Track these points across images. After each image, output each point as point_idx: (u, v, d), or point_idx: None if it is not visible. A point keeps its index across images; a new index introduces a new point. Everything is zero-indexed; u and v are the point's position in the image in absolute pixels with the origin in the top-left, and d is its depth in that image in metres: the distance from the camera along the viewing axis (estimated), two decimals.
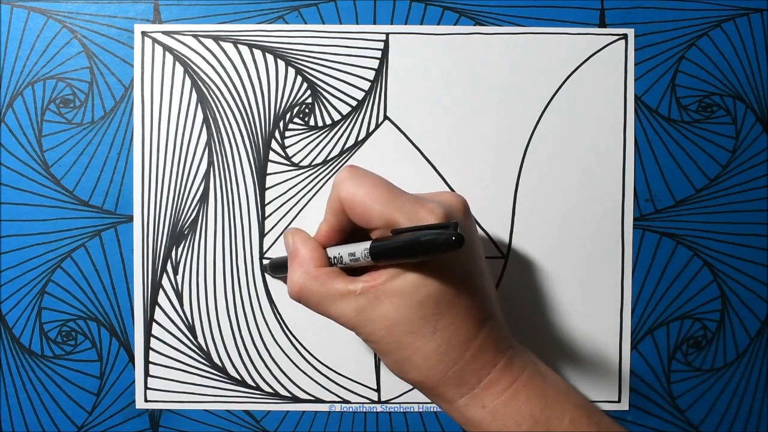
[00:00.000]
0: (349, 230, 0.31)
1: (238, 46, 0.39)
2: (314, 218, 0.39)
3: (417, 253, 0.26)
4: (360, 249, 0.28)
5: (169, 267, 0.39)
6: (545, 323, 0.39)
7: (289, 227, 0.33)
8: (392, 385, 0.39)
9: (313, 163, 0.39)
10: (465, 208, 0.30)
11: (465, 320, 0.28)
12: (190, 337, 0.39)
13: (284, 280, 0.37)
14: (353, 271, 0.30)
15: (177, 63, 0.39)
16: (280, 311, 0.39)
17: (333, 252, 0.31)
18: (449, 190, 0.30)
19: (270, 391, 0.39)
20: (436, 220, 0.27)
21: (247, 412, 0.39)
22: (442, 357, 0.28)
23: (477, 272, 0.29)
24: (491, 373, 0.28)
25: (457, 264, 0.28)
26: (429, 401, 0.39)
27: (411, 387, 0.39)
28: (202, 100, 0.39)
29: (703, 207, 0.40)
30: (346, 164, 0.31)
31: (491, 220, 0.39)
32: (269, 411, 0.39)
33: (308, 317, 0.39)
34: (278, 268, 0.37)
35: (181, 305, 0.39)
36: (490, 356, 0.28)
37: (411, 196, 0.29)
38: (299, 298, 0.30)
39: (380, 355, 0.29)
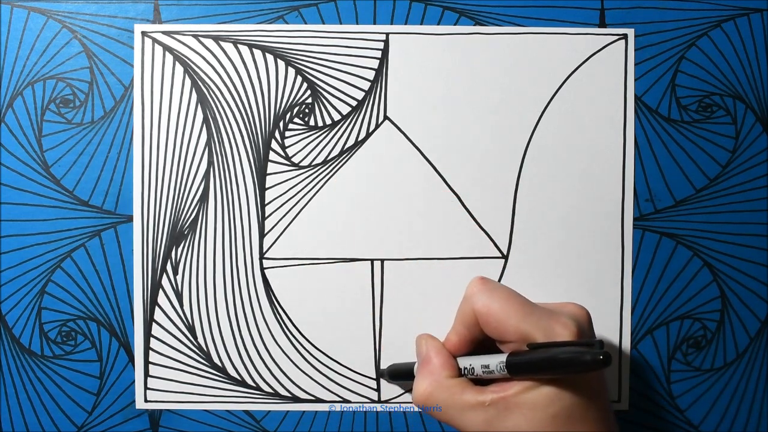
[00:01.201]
0: (478, 340, 0.32)
1: (238, 46, 0.39)
2: (315, 219, 0.39)
3: (560, 370, 0.26)
4: (495, 362, 0.29)
5: (168, 267, 0.39)
6: None
7: (421, 334, 0.35)
8: (392, 385, 0.39)
9: (313, 163, 0.39)
10: (590, 319, 0.31)
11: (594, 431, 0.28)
12: (190, 338, 0.39)
13: (402, 386, 0.39)
14: (480, 380, 0.31)
15: (177, 63, 0.39)
16: (280, 311, 0.39)
17: (464, 362, 0.32)
18: (572, 302, 0.33)
19: (270, 391, 0.39)
20: (570, 334, 0.29)
21: (247, 412, 0.39)
22: None
23: (605, 384, 0.30)
24: None
25: (589, 378, 0.28)
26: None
27: (411, 387, 0.39)
28: (202, 100, 0.39)
29: (703, 207, 0.40)
30: (477, 276, 0.32)
31: (491, 220, 0.39)
32: (269, 411, 0.39)
33: (308, 317, 0.39)
34: (400, 375, 0.38)
35: (181, 305, 0.39)
36: None
37: (543, 311, 0.30)
38: (425, 405, 0.31)
39: None
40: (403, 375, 0.37)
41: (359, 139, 0.39)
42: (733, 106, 0.39)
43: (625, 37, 0.39)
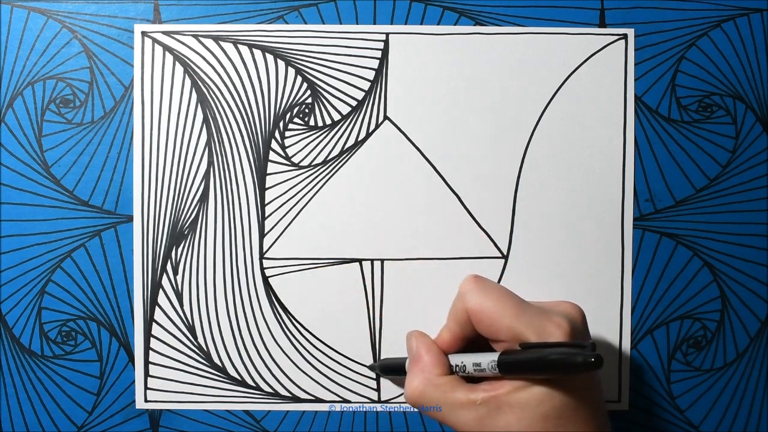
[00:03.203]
0: (471, 339, 0.32)
1: (238, 46, 0.39)
2: (315, 219, 0.39)
3: (551, 371, 0.26)
4: (486, 360, 0.29)
5: (169, 267, 0.39)
6: None
7: (412, 331, 0.35)
8: (392, 385, 0.39)
9: (313, 163, 0.39)
10: (584, 318, 0.31)
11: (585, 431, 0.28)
12: (190, 337, 0.39)
13: (395, 381, 0.39)
14: (471, 378, 0.31)
15: (177, 63, 0.39)
16: (279, 311, 0.39)
17: (455, 360, 0.32)
18: (567, 301, 0.32)
19: (270, 391, 0.39)
20: (563, 334, 0.28)
21: (247, 412, 0.39)
22: None
23: (597, 383, 0.30)
24: None
25: (581, 379, 0.28)
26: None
27: (402, 381, 0.39)
28: (202, 100, 0.39)
29: (703, 207, 0.40)
30: (470, 274, 0.32)
31: (491, 220, 0.39)
32: (269, 411, 0.39)
33: (308, 317, 0.39)
34: (391, 370, 0.37)
35: (181, 305, 0.39)
36: None
37: (537, 310, 0.30)
38: (417, 403, 0.31)
39: None
40: (394, 370, 0.37)
41: (359, 139, 0.39)
42: (733, 106, 0.39)
43: (625, 37, 0.39)
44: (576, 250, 0.39)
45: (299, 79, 0.39)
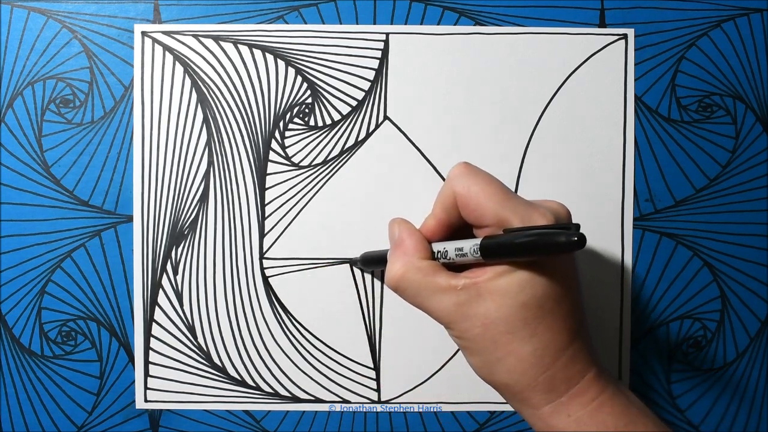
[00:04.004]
0: (455, 227, 0.31)
1: (238, 46, 0.39)
2: (315, 219, 0.39)
3: (534, 252, 0.25)
4: (469, 245, 0.28)
5: (169, 267, 0.39)
6: None
7: (394, 218, 0.33)
8: (392, 385, 0.39)
9: (313, 163, 0.39)
10: (570, 217, 0.30)
11: (562, 328, 0.28)
12: (190, 337, 0.39)
13: (374, 273, 0.38)
14: (453, 268, 0.30)
15: (177, 63, 0.39)
16: (279, 311, 0.39)
17: (438, 246, 0.30)
18: (555, 200, 0.31)
19: (270, 391, 0.39)
20: (547, 222, 0.27)
21: (247, 412, 0.39)
22: (537, 361, 0.27)
23: (577, 281, 0.29)
24: (580, 383, 0.28)
25: (563, 269, 0.28)
26: (429, 401, 0.39)
27: (411, 387, 0.39)
28: (202, 100, 0.39)
29: (703, 207, 0.40)
30: (460, 161, 0.31)
31: None
32: (269, 411, 0.39)
33: (308, 317, 0.39)
34: (372, 262, 0.36)
35: (181, 305, 0.39)
36: (581, 366, 0.28)
37: (524, 200, 0.29)
38: (397, 287, 0.30)
39: (469, 354, 0.29)
40: (376, 261, 0.36)
41: (359, 139, 0.39)
42: (733, 106, 0.39)
43: (625, 37, 0.39)
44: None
45: (299, 79, 0.39)
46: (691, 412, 0.40)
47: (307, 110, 0.39)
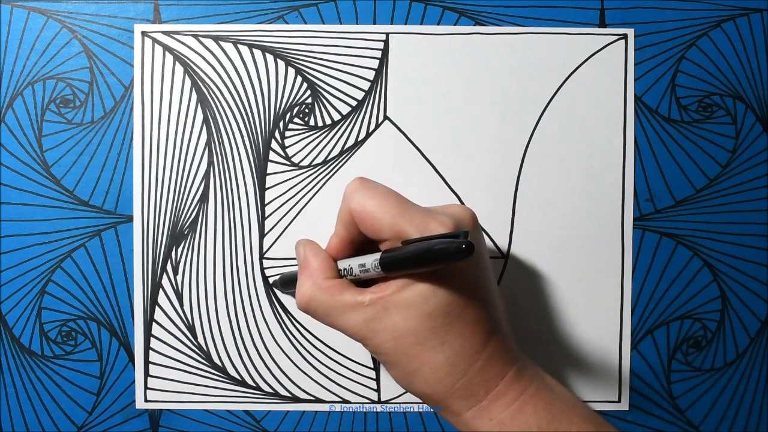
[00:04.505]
0: (360, 243, 0.31)
1: (238, 46, 0.39)
2: (315, 219, 0.39)
3: (427, 262, 0.26)
4: (370, 260, 0.28)
5: (169, 267, 0.39)
6: (545, 323, 0.39)
7: (300, 239, 0.33)
8: (392, 385, 0.39)
9: (313, 163, 0.39)
10: (474, 220, 0.30)
11: (474, 332, 0.28)
12: (190, 337, 0.39)
13: (293, 295, 0.38)
14: (363, 284, 0.30)
15: (177, 63, 0.39)
16: (280, 311, 0.39)
17: (343, 264, 0.31)
18: (457, 203, 0.31)
19: (270, 391, 0.39)
20: (446, 231, 0.27)
21: (247, 412, 0.39)
22: (451, 369, 0.28)
23: (485, 284, 0.29)
24: (499, 385, 0.28)
25: (466, 275, 0.28)
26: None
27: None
28: (202, 100, 0.39)
29: (703, 207, 0.40)
30: (356, 177, 0.31)
31: (491, 220, 0.39)
32: (269, 411, 0.39)
33: (308, 318, 0.39)
34: (288, 283, 0.37)
35: (181, 305, 0.39)
36: (499, 368, 0.28)
37: (421, 208, 0.29)
38: (307, 309, 0.30)
39: (388, 367, 0.29)
40: (291, 283, 0.36)
41: (359, 139, 0.39)
42: (733, 106, 0.39)
43: (625, 37, 0.39)
44: (576, 250, 0.39)
45: (299, 79, 0.39)
46: (691, 412, 0.40)
47: (307, 110, 0.39)
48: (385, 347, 0.28)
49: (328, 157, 0.39)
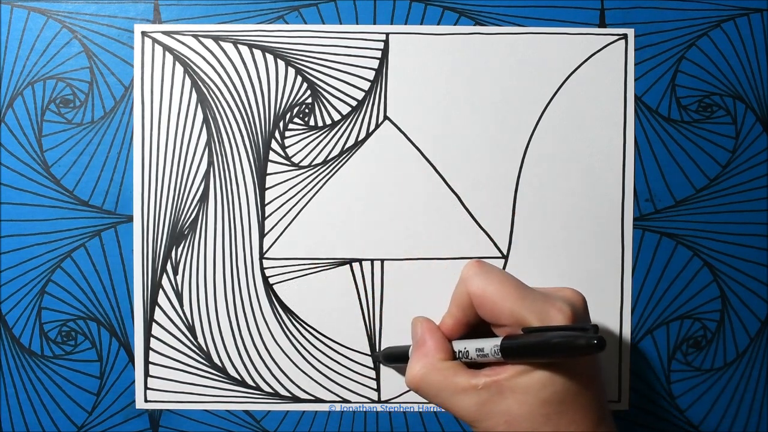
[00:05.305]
0: (473, 324, 0.32)
1: (238, 46, 0.39)
2: (315, 219, 0.39)
3: (555, 354, 0.26)
4: (489, 345, 0.29)
5: (169, 267, 0.39)
6: None
7: (417, 316, 0.35)
8: (392, 385, 0.39)
9: (313, 163, 0.39)
10: (586, 305, 0.31)
11: (584, 419, 0.28)
12: (190, 337, 0.39)
13: (397, 369, 0.39)
14: (474, 365, 0.31)
15: (177, 63, 0.39)
16: (279, 311, 0.39)
17: (459, 346, 0.31)
18: (568, 287, 0.32)
19: (270, 391, 0.39)
20: (565, 318, 0.28)
21: (247, 412, 0.39)
22: None
23: (599, 375, 0.30)
24: None
25: (583, 365, 0.28)
26: (429, 401, 0.39)
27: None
28: (202, 100, 0.39)
29: (703, 207, 0.40)
30: (473, 260, 0.32)
31: (491, 220, 0.39)
32: (269, 411, 0.39)
33: (308, 317, 0.39)
34: (393, 359, 0.37)
35: (181, 305, 0.39)
36: None
37: (539, 294, 0.30)
38: (418, 388, 0.31)
39: None
40: (398, 358, 0.37)
41: (359, 139, 0.39)
42: (733, 106, 0.39)
43: (625, 37, 0.39)
44: (576, 250, 0.39)
45: (299, 79, 0.39)
46: (691, 412, 0.40)
47: (307, 110, 0.39)
48: (497, 431, 0.28)
49: (328, 157, 0.39)
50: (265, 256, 0.39)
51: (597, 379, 0.29)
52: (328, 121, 0.39)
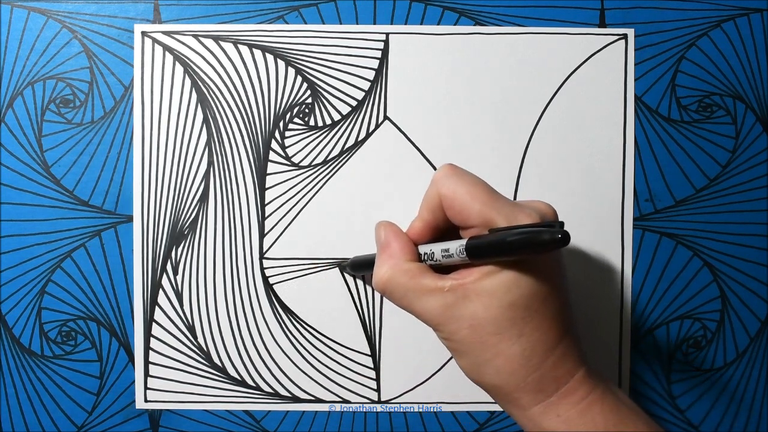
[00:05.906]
0: (442, 230, 0.31)
1: (238, 46, 0.39)
2: (315, 218, 0.39)
3: (519, 251, 0.25)
4: (455, 246, 0.28)
5: (169, 267, 0.39)
6: None
7: (380, 221, 0.33)
8: (392, 385, 0.39)
9: (313, 163, 0.39)
10: (557, 217, 0.30)
11: (551, 327, 0.28)
12: (190, 337, 0.39)
13: (363, 278, 0.38)
14: (441, 271, 0.30)
15: (177, 63, 0.39)
16: (279, 311, 0.39)
17: (424, 249, 0.31)
18: (541, 200, 0.31)
19: (270, 391, 0.39)
20: (533, 222, 0.27)
21: (247, 412, 0.39)
22: (525, 362, 0.27)
23: (564, 280, 0.29)
24: (569, 383, 0.28)
25: (549, 269, 0.28)
26: (429, 401, 0.39)
27: (411, 387, 0.39)
28: (202, 100, 0.39)
29: (703, 207, 0.40)
30: (446, 163, 0.31)
31: None
32: (269, 411, 0.39)
33: (308, 317, 0.39)
34: (360, 266, 0.37)
35: (181, 305, 0.39)
36: (570, 366, 0.28)
37: (509, 200, 0.29)
38: (384, 289, 0.30)
39: (457, 356, 0.29)
40: (364, 266, 0.36)
41: (359, 139, 0.39)
42: (733, 106, 0.39)
43: (625, 37, 0.39)
44: (576, 250, 0.39)
45: (299, 79, 0.39)
46: (691, 412, 0.40)
47: (307, 110, 0.39)
48: (461, 335, 0.28)
49: (328, 157, 0.39)
50: (265, 256, 0.39)
51: (564, 287, 0.29)
52: (328, 121, 0.39)
